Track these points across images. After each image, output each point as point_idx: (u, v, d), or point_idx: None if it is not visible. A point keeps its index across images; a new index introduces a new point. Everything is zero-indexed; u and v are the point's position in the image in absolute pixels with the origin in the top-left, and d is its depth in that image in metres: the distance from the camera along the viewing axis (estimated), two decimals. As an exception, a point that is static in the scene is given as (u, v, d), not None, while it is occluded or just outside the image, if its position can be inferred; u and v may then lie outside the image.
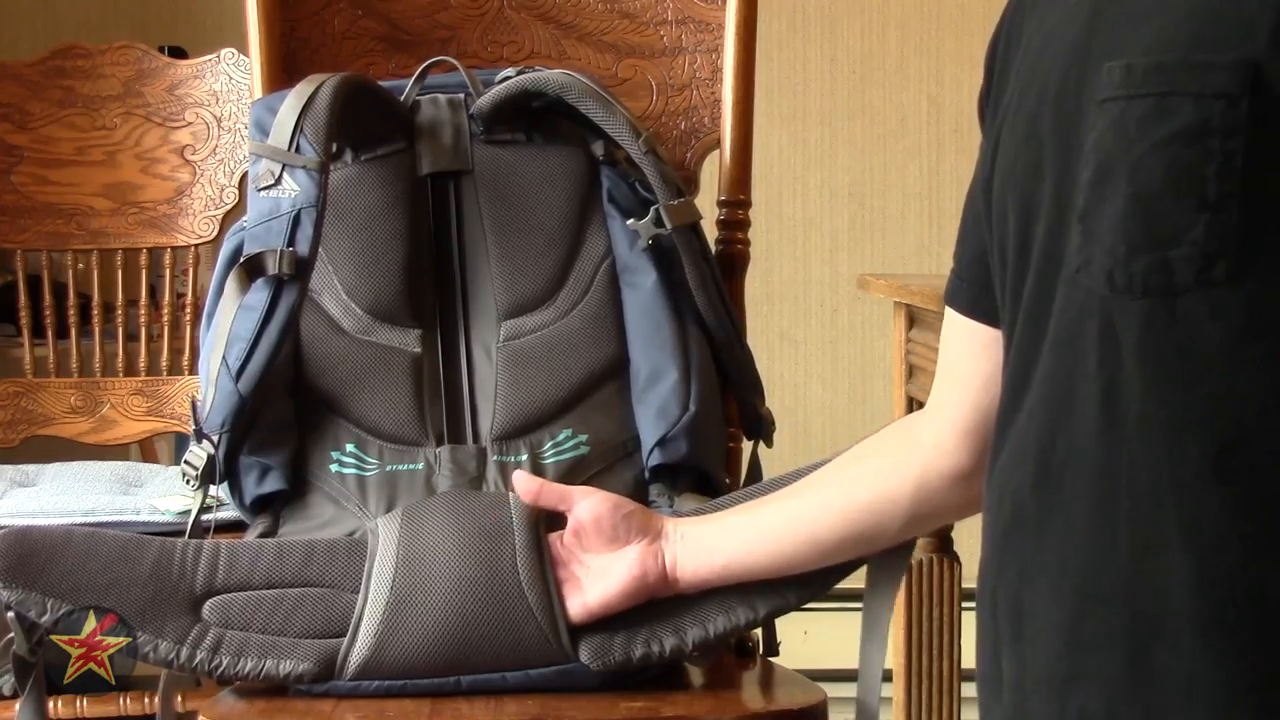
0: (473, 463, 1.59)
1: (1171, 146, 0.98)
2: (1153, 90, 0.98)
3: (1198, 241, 0.97)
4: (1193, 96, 0.97)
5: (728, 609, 1.45)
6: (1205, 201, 0.97)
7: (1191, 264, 0.97)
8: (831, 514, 1.39)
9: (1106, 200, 1.00)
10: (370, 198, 1.69)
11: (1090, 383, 1.02)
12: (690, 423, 1.62)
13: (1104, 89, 1.01)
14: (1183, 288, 0.98)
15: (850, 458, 1.42)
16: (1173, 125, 0.98)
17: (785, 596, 1.46)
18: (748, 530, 1.43)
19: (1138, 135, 0.99)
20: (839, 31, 3.73)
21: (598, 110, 1.65)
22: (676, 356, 1.65)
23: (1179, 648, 0.98)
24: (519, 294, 1.68)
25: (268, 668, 1.40)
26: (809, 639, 2.85)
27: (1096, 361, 1.02)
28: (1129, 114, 0.99)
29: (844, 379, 3.75)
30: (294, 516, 1.57)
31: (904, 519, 1.37)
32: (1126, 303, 0.99)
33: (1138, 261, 0.99)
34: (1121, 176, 0.99)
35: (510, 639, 1.42)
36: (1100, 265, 1.01)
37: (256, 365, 1.55)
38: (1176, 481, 0.98)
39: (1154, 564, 0.99)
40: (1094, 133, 1.02)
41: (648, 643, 1.43)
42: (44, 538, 1.43)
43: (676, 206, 1.64)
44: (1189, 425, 0.98)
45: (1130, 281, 0.99)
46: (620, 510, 1.44)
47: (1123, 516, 1.01)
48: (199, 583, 1.43)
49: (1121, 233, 0.99)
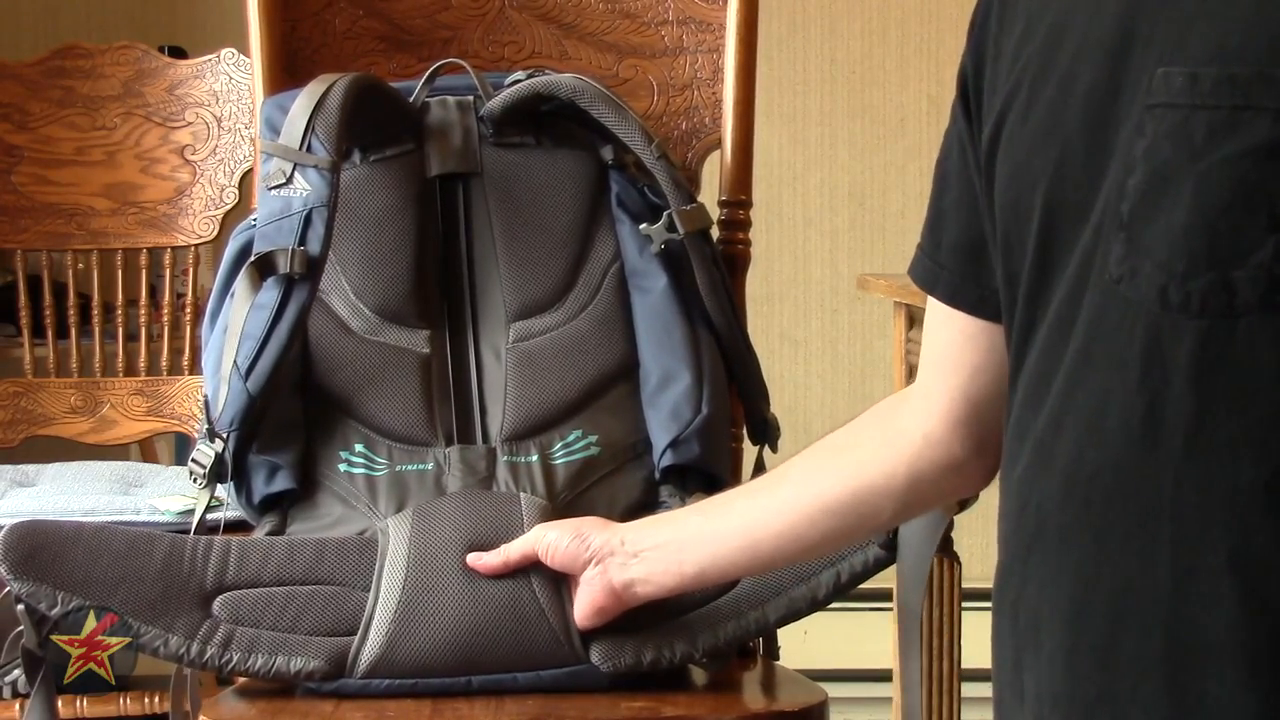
0: (482, 463, 1.59)
1: (1244, 162, 0.94)
2: (1223, 102, 0.95)
3: (1264, 263, 0.94)
4: (1271, 112, 0.94)
5: (738, 613, 1.46)
6: (1276, 222, 0.94)
7: (1256, 286, 0.95)
8: (813, 511, 1.35)
9: (1161, 211, 0.97)
10: (379, 199, 1.69)
11: (1131, 397, 0.99)
12: (703, 425, 1.62)
13: (1156, 94, 0.98)
14: (1244, 309, 0.95)
15: (824, 451, 1.37)
16: (1247, 140, 0.94)
17: (796, 602, 1.47)
18: (716, 536, 1.39)
19: (1205, 148, 0.96)
20: (839, 31, 3.73)
21: (610, 115, 1.66)
22: (689, 360, 1.65)
23: (1223, 677, 0.96)
24: (528, 296, 1.69)
25: (278, 664, 1.40)
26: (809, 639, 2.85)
27: (1139, 378, 0.99)
28: (1194, 124, 0.96)
29: (844, 379, 3.75)
30: (302, 516, 1.57)
31: (893, 510, 1.34)
32: (1181, 321, 0.96)
33: (1197, 279, 0.96)
34: (1183, 189, 0.96)
35: (521, 640, 1.42)
36: (1151, 280, 0.97)
37: (266, 364, 1.55)
38: (1226, 505, 0.96)
39: (1198, 589, 0.97)
40: (1143, 140, 0.98)
41: (659, 647, 1.44)
42: (54, 531, 1.43)
43: (689, 212, 1.65)
44: (1243, 448, 0.96)
45: (1187, 299, 0.96)
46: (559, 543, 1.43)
47: (1166, 538, 0.98)
48: (209, 579, 1.43)
49: (1180, 248, 0.96)
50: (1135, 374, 0.99)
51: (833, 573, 1.49)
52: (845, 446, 1.36)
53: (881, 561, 1.51)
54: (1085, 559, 1.02)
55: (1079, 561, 1.03)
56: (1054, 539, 1.05)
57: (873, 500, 1.33)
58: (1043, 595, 1.05)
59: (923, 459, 1.29)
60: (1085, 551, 1.02)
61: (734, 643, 1.47)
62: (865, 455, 1.33)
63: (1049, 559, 1.05)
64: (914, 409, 1.30)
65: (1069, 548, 1.04)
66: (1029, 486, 1.08)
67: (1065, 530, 1.04)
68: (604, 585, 1.41)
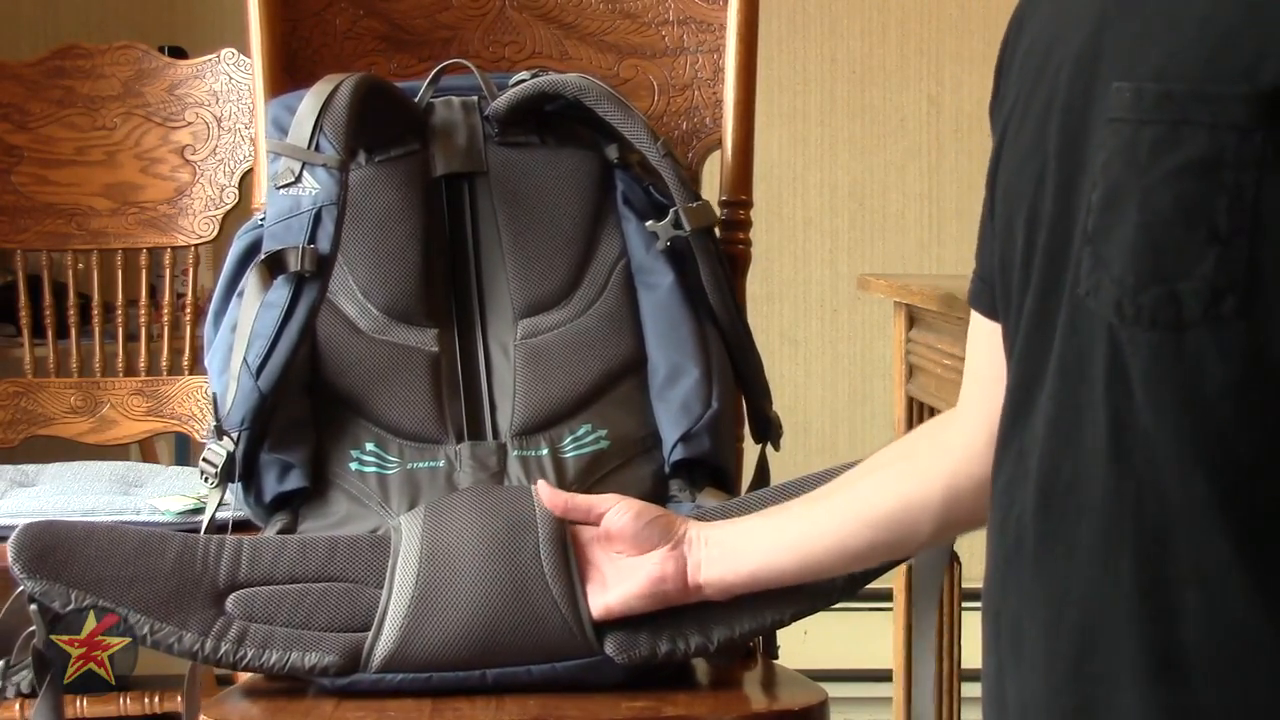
0: (493, 458, 1.60)
1: (1183, 177, 0.95)
2: (1164, 118, 0.96)
3: (1206, 275, 0.95)
4: (1205, 127, 0.95)
5: (755, 611, 1.46)
6: (1216, 235, 0.95)
7: (1200, 298, 0.95)
8: (860, 522, 1.37)
9: (1116, 226, 0.98)
10: (385, 199, 1.70)
11: (1098, 410, 1.00)
12: (713, 419, 1.63)
13: (1113, 109, 0.99)
14: (1191, 322, 0.95)
15: (878, 463, 1.40)
16: (1184, 155, 0.95)
17: (813, 600, 1.47)
18: (775, 538, 1.41)
19: (1149, 163, 0.97)
20: (839, 31, 3.73)
21: (616, 114, 1.67)
22: (697, 355, 1.66)
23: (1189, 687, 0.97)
24: (535, 293, 1.69)
25: (293, 660, 1.41)
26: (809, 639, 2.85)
27: (1104, 389, 1.00)
28: (1140, 139, 0.97)
29: (844, 379, 3.75)
30: (313, 514, 1.57)
31: (934, 525, 1.35)
32: (1136, 333, 0.97)
33: (1146, 293, 0.96)
34: (1131, 204, 0.97)
35: (535, 632, 1.42)
36: (1109, 293, 0.98)
37: (277, 362, 1.55)
38: (1184, 518, 0.97)
39: (1162, 603, 0.97)
40: (1103, 152, 1.00)
41: (673, 639, 1.44)
42: (66, 531, 1.44)
43: (695, 209, 1.66)
44: (1196, 461, 0.96)
45: (1139, 313, 0.97)
46: (644, 518, 1.43)
47: (1129, 551, 0.99)
48: (222, 577, 1.44)
49: (1131, 262, 0.97)
50: (1101, 387, 1.00)
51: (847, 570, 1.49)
52: (895, 460, 1.38)
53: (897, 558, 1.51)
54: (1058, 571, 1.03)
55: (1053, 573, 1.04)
56: (1030, 551, 1.06)
57: (912, 516, 1.35)
58: (1022, 606, 1.06)
59: (961, 473, 1.31)
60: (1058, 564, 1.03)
61: (749, 637, 1.47)
62: (911, 467, 1.35)
63: (1027, 570, 1.06)
64: (959, 425, 1.31)
65: (1044, 560, 1.04)
66: (1009, 497, 1.09)
67: (1040, 542, 1.05)
68: (677, 568, 1.42)
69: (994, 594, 1.10)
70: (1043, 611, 1.04)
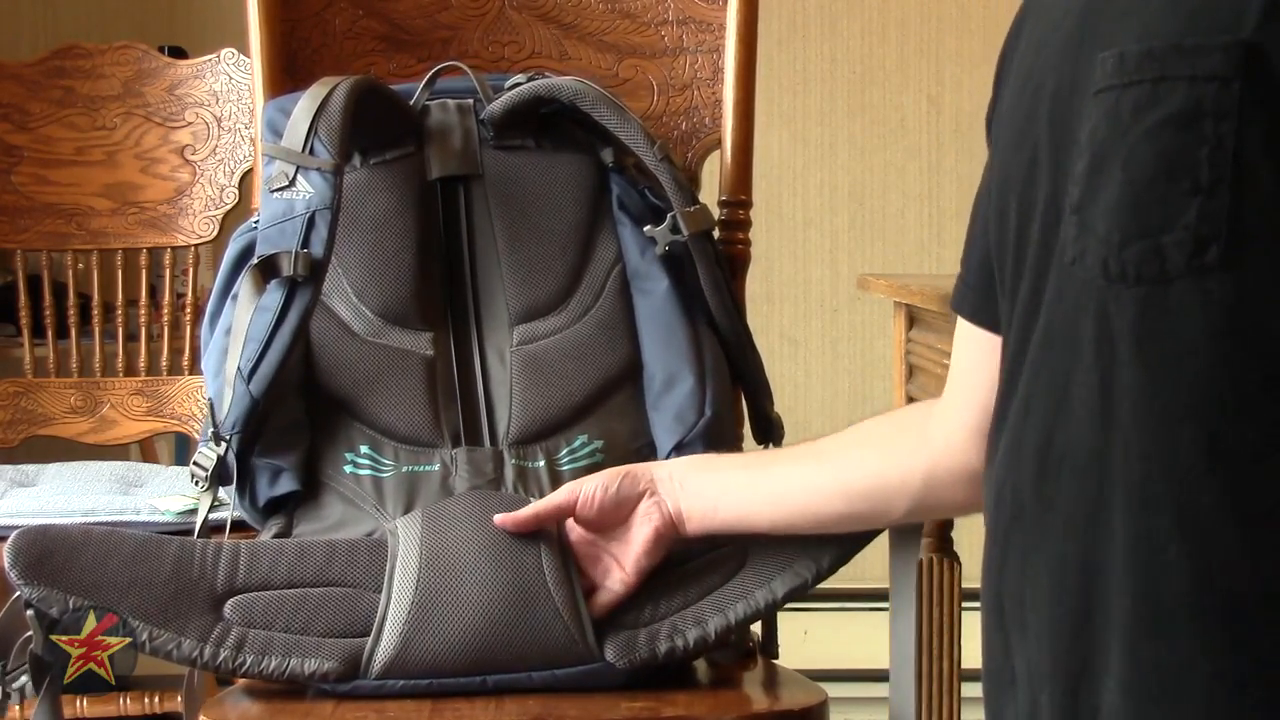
0: (489, 464, 1.60)
1: (1164, 131, 0.97)
2: (1145, 76, 0.98)
3: (1190, 226, 0.96)
4: (1185, 80, 0.96)
5: (746, 594, 1.47)
6: (1198, 186, 0.96)
7: (1183, 249, 0.96)
8: (836, 494, 1.42)
9: (1101, 189, 1.00)
10: (380, 202, 1.69)
11: (1088, 374, 1.01)
12: (707, 427, 1.63)
13: (1098, 80, 1.01)
14: (1175, 274, 0.97)
15: (860, 438, 1.44)
16: (1165, 110, 0.97)
17: (802, 575, 1.48)
18: (749, 494, 1.45)
19: (1131, 122, 0.98)
20: (839, 31, 3.72)
21: (612, 117, 1.66)
22: (691, 361, 1.66)
23: (1179, 640, 0.98)
24: (531, 299, 1.69)
25: (292, 666, 1.40)
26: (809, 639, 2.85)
27: (1093, 354, 1.01)
28: (1123, 102, 0.99)
29: (844, 379, 3.75)
30: (308, 517, 1.57)
31: (906, 508, 1.40)
32: (1121, 291, 0.99)
33: (1131, 248, 0.98)
34: (1115, 164, 0.99)
35: (536, 639, 1.42)
36: (1095, 255, 1.00)
37: (269, 367, 1.55)
38: (1170, 471, 0.98)
39: (1152, 556, 0.99)
40: (1089, 124, 1.01)
41: (671, 637, 1.44)
42: (63, 536, 1.43)
43: (693, 213, 1.66)
44: (1181, 414, 0.97)
45: (1124, 269, 0.98)
46: (608, 488, 1.46)
47: (1118, 508, 1.00)
48: (220, 582, 1.43)
49: (1115, 220, 0.99)
50: (1090, 351, 1.01)
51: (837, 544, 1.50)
52: (879, 438, 1.42)
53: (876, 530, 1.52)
54: (1057, 538, 1.05)
55: (1052, 540, 1.05)
56: (1030, 522, 1.07)
57: (887, 495, 1.39)
58: (1024, 577, 1.08)
59: (941, 466, 1.34)
60: (1056, 530, 1.05)
61: (745, 623, 1.47)
62: (892, 451, 1.39)
63: (1027, 540, 1.07)
64: (942, 417, 1.34)
65: (1045, 529, 1.06)
66: (1005, 472, 1.10)
67: (1039, 512, 1.06)
68: (661, 514, 1.45)
69: (994, 568, 1.11)
70: (1045, 579, 1.05)
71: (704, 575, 1.48)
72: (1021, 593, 1.07)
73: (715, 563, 1.49)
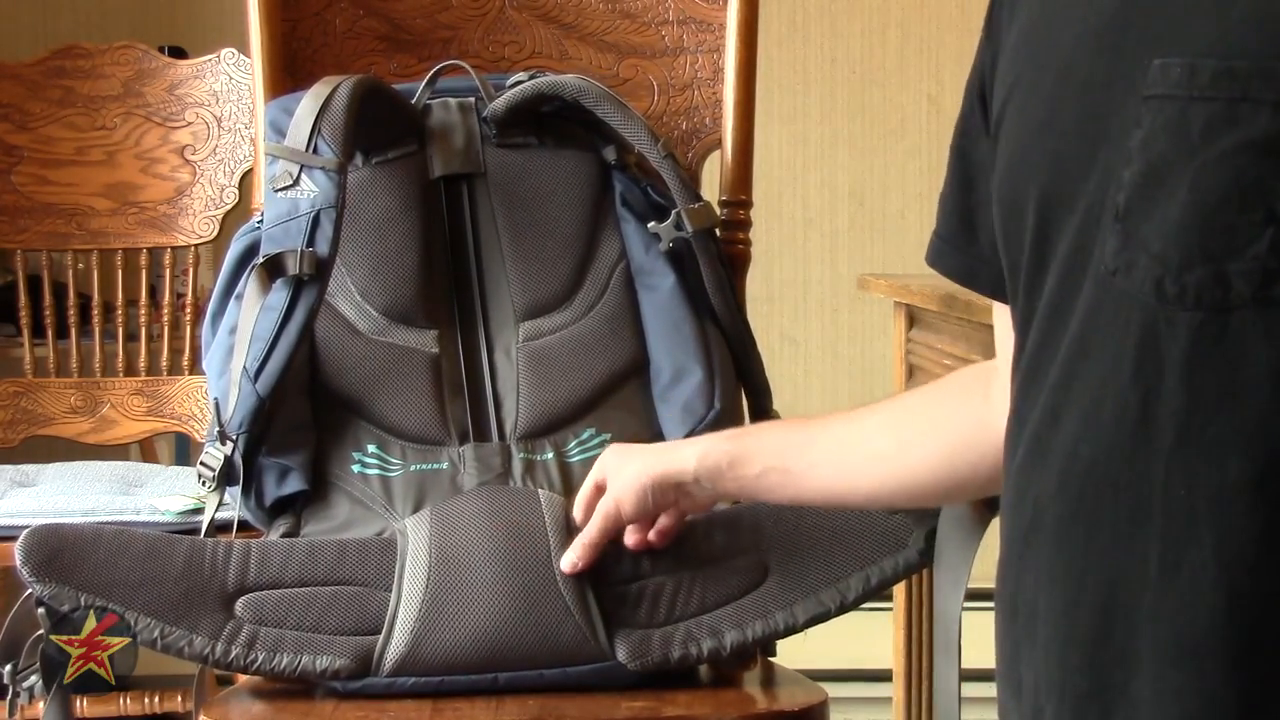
0: (497, 459, 1.60)
1: (1241, 156, 0.94)
2: (1221, 94, 0.95)
3: (1260, 256, 0.94)
4: (1269, 105, 0.93)
5: (766, 613, 1.46)
6: (1273, 216, 0.93)
7: (1251, 279, 0.94)
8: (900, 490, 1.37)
9: (1158, 205, 0.97)
10: (383, 201, 1.69)
11: (1126, 392, 0.99)
12: (716, 420, 1.64)
13: (1154, 85, 0.98)
14: (1238, 303, 0.94)
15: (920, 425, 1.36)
16: (1244, 134, 0.94)
17: (825, 604, 1.47)
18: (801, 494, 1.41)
19: (1202, 141, 0.95)
20: (839, 31, 3.72)
21: (616, 115, 1.67)
22: (699, 356, 1.66)
23: (1206, 672, 0.96)
24: (536, 296, 1.69)
25: (304, 663, 1.40)
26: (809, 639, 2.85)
27: (1133, 371, 0.98)
28: (1191, 116, 0.96)
29: (844, 379, 3.75)
30: (315, 517, 1.57)
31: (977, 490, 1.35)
32: (1175, 314, 0.96)
33: (1193, 272, 0.95)
34: (1180, 182, 0.96)
35: (547, 638, 1.42)
36: (1147, 272, 0.97)
37: (275, 366, 1.55)
38: (1214, 501, 0.96)
39: (1184, 584, 0.97)
40: (1140, 130, 0.98)
41: (685, 644, 1.44)
42: (74, 534, 1.44)
43: (696, 210, 1.66)
44: (1232, 444, 0.95)
45: (1182, 292, 0.96)
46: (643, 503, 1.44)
47: (1155, 534, 0.98)
48: (231, 580, 1.43)
49: (1177, 240, 0.96)
50: (1130, 367, 0.99)
51: (862, 576, 1.49)
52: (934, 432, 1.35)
53: (913, 566, 1.50)
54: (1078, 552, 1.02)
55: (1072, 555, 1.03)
56: (1049, 532, 1.05)
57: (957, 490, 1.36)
58: (1038, 588, 1.06)
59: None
60: (1078, 545, 1.02)
61: (761, 642, 1.47)
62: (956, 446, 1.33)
63: (1044, 552, 1.05)
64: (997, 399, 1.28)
65: (1063, 541, 1.04)
66: (1026, 478, 1.08)
67: (1059, 523, 1.04)
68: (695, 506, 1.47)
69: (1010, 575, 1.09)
70: (1060, 592, 1.03)
71: (724, 579, 1.48)
72: (1034, 603, 1.06)
73: (736, 569, 1.48)
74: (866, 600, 1.49)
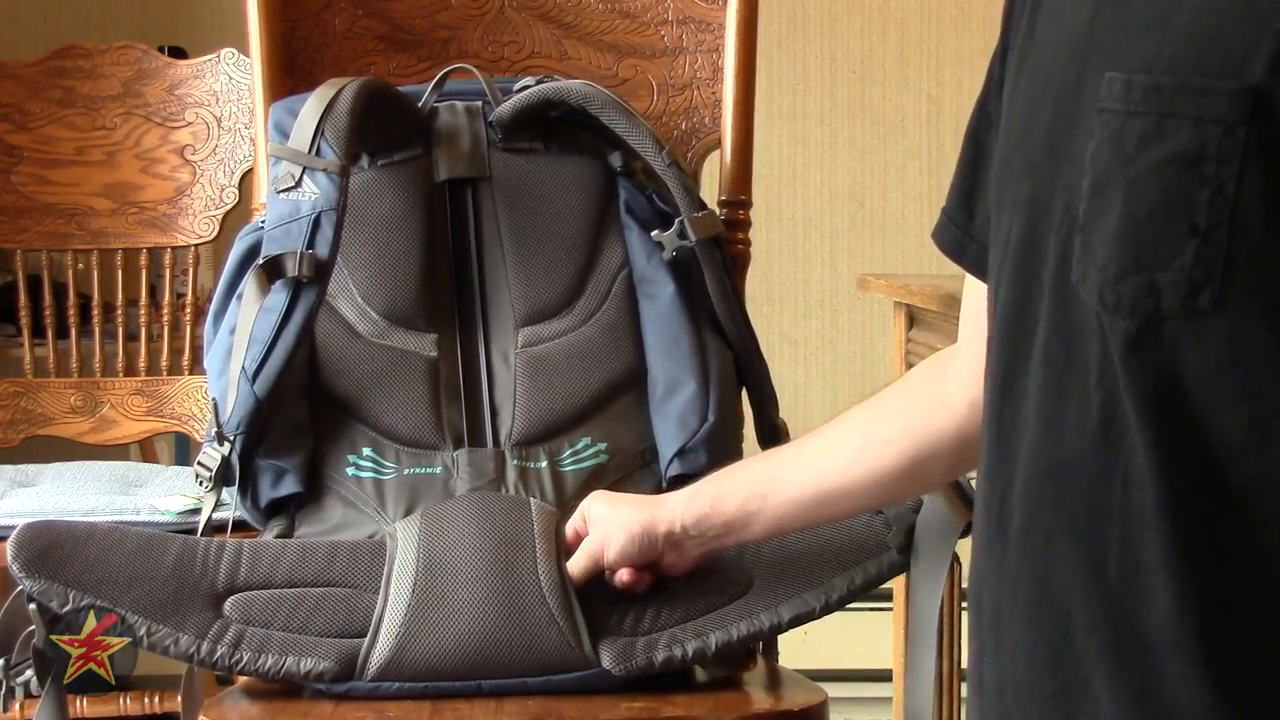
0: (490, 465, 1.60)
1: (1166, 169, 0.96)
2: (1151, 109, 0.97)
3: (1185, 267, 0.96)
4: (1191, 120, 0.96)
5: (750, 614, 1.46)
6: (1195, 228, 0.96)
7: (1178, 290, 0.96)
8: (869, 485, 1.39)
9: (1102, 216, 0.99)
10: (387, 203, 1.69)
11: (1087, 397, 1.01)
12: (709, 433, 1.63)
13: (1103, 98, 1.00)
14: (1169, 313, 0.97)
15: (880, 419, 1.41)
16: (1169, 148, 0.96)
17: (810, 603, 1.47)
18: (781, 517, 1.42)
19: (1134, 154, 0.98)
20: (839, 31, 3.72)
21: (621, 121, 1.66)
22: (695, 367, 1.66)
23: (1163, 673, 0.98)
24: (537, 301, 1.69)
25: (288, 665, 1.41)
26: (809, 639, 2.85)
27: (1095, 378, 1.01)
28: (1128, 130, 0.98)
29: (844, 379, 3.75)
30: (310, 519, 1.57)
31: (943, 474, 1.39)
32: (1115, 321, 0.99)
33: (1126, 282, 0.98)
34: (1117, 194, 0.98)
35: (532, 645, 1.42)
36: (1094, 281, 1.00)
37: (273, 368, 1.55)
38: (1164, 505, 0.98)
39: (1141, 586, 0.99)
40: (1092, 141, 1.01)
41: (669, 647, 1.44)
42: (67, 531, 1.44)
43: (700, 219, 1.66)
44: (1171, 451, 0.97)
45: (1119, 301, 0.98)
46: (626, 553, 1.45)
47: (1114, 537, 1.00)
48: (221, 580, 1.44)
49: (1113, 251, 0.98)
50: (1092, 375, 1.01)
51: (846, 577, 1.49)
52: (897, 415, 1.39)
53: (896, 566, 1.52)
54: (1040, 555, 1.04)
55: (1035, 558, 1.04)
56: (1014, 534, 1.06)
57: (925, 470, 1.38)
58: (1003, 590, 1.07)
59: (970, 423, 1.31)
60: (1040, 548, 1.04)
61: (746, 642, 1.47)
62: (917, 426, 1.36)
63: (1009, 554, 1.07)
64: (958, 376, 1.32)
65: (1026, 543, 1.05)
66: (992, 481, 1.09)
67: (1024, 526, 1.05)
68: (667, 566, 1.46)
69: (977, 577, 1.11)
70: (1024, 595, 1.05)
71: (708, 593, 1.48)
72: (999, 605, 1.07)
73: (721, 582, 1.49)
74: (851, 600, 1.49)
